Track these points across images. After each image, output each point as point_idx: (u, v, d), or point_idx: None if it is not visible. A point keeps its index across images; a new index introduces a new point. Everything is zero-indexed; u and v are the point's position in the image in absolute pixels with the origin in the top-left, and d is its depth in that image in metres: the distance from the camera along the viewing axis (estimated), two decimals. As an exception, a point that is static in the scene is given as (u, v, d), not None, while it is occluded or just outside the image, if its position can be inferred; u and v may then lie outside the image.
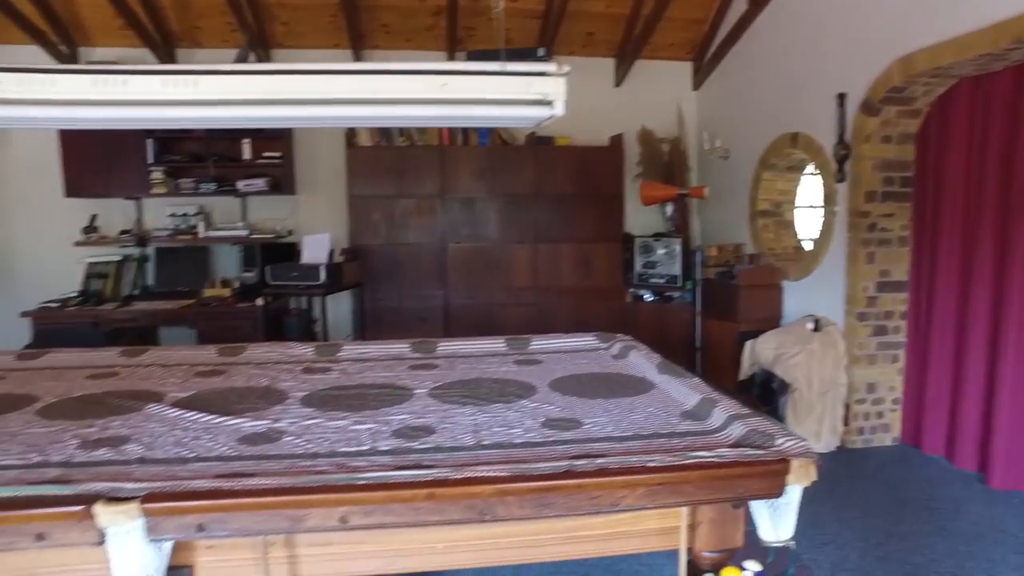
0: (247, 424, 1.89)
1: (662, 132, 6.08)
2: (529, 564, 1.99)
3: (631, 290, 5.86)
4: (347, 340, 5.34)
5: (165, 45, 5.54)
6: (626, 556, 2.81)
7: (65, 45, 5.44)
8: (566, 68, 2.06)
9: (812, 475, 1.48)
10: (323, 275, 4.86)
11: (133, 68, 1.94)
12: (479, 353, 2.79)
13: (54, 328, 4.87)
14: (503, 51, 2.02)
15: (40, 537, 1.34)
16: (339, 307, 5.63)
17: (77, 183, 5.28)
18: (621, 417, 1.94)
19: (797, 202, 5.30)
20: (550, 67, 2.04)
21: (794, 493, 1.51)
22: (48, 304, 5.03)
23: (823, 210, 4.44)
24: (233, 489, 1.39)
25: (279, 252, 5.40)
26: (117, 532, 1.34)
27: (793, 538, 1.56)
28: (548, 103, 2.04)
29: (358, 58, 5.72)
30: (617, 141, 5.84)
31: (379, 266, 5.47)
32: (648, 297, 5.79)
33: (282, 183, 5.48)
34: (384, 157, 5.53)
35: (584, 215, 5.78)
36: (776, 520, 1.55)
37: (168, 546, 1.42)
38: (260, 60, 5.56)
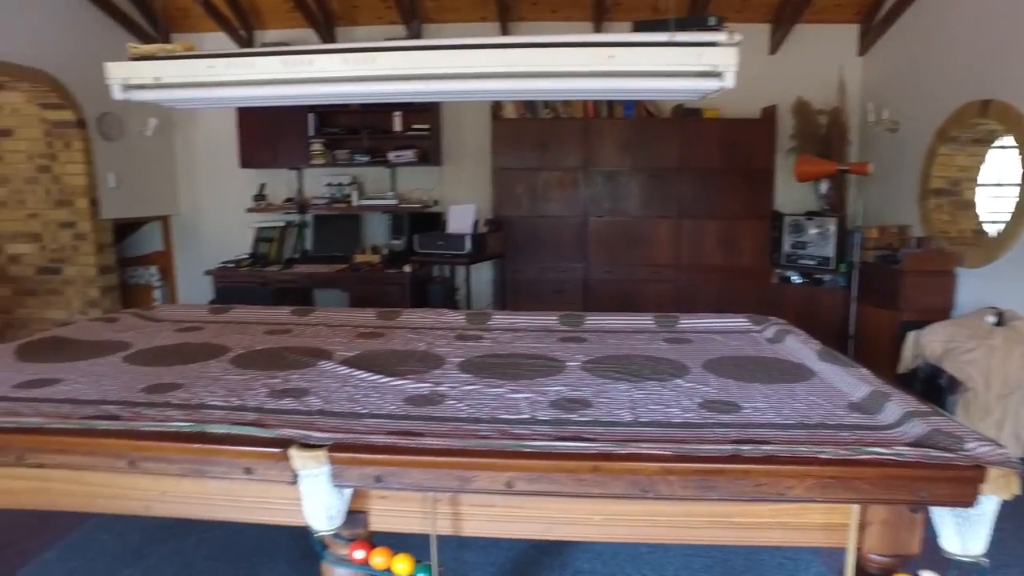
0: (410, 386, 2.00)
1: (819, 103, 5.66)
2: (678, 544, 1.98)
3: (777, 271, 5.57)
4: (489, 309, 5.50)
5: (326, 24, 5.87)
6: (769, 547, 2.73)
7: (244, 30, 5.91)
8: (737, 37, 1.97)
9: (1014, 487, 1.35)
10: (468, 245, 5.02)
11: (318, 47, 2.07)
12: (627, 329, 2.77)
13: (230, 285, 5.40)
14: (672, 20, 1.96)
15: (248, 471, 1.52)
16: (479, 277, 5.78)
17: (250, 155, 5.77)
18: (781, 404, 1.87)
19: (980, 180, 4.76)
20: (721, 37, 1.96)
21: (990, 505, 1.39)
22: (225, 264, 5.58)
23: (1019, 189, 3.95)
24: (408, 447, 1.49)
25: (425, 221, 5.63)
26: (307, 475, 1.48)
27: (985, 555, 1.43)
28: (717, 75, 1.96)
29: (505, 31, 5.76)
30: (770, 113, 5.52)
31: (520, 237, 5.56)
32: (796, 279, 5.48)
33: (429, 154, 5.68)
34: (528, 129, 5.57)
35: (731, 191, 5.54)
36: (964, 532, 1.43)
37: (348, 492, 1.54)
38: (411, 36, 5.75)
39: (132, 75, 2.09)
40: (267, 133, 5.68)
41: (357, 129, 5.67)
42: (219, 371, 2.17)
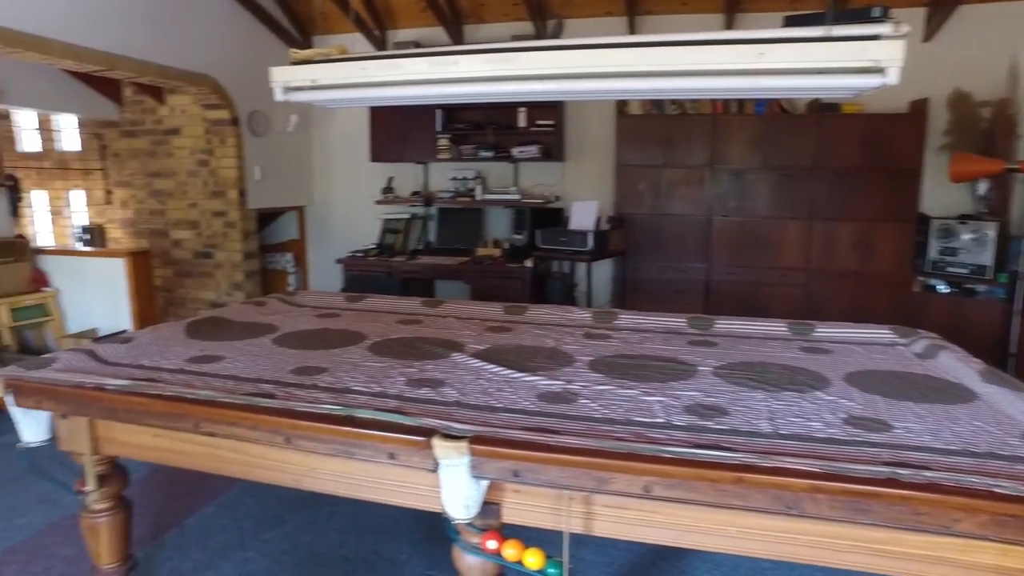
0: (543, 382, 2.03)
1: (983, 94, 5.15)
2: (811, 565, 1.88)
3: (920, 279, 5.14)
4: (607, 306, 5.47)
5: (455, 22, 6.02)
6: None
7: (378, 30, 6.18)
8: (905, 28, 1.83)
9: None
10: (590, 242, 5.00)
11: (462, 48, 2.13)
12: (759, 335, 2.66)
13: (358, 273, 5.69)
14: (830, 12, 1.85)
15: (391, 456, 1.60)
16: (598, 273, 5.75)
17: (380, 149, 6.03)
18: (939, 427, 1.73)
19: None
20: (885, 28, 1.83)
21: None
22: (355, 253, 5.88)
23: None
24: (546, 444, 1.51)
25: (546, 217, 5.67)
26: (448, 464, 1.54)
27: None
28: (879, 71, 1.83)
29: (632, 25, 5.67)
30: (920, 107, 5.09)
31: (641, 235, 5.47)
32: (943, 288, 5.04)
33: (552, 150, 5.70)
34: (654, 126, 5.47)
35: (870, 191, 5.17)
36: None
37: (485, 484, 1.59)
38: (539, 33, 5.79)
39: (292, 78, 2.25)
40: (397, 129, 5.92)
41: (482, 125, 5.78)
42: (359, 357, 2.29)
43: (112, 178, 6.17)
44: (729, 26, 5.33)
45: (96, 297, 4.80)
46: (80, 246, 6.51)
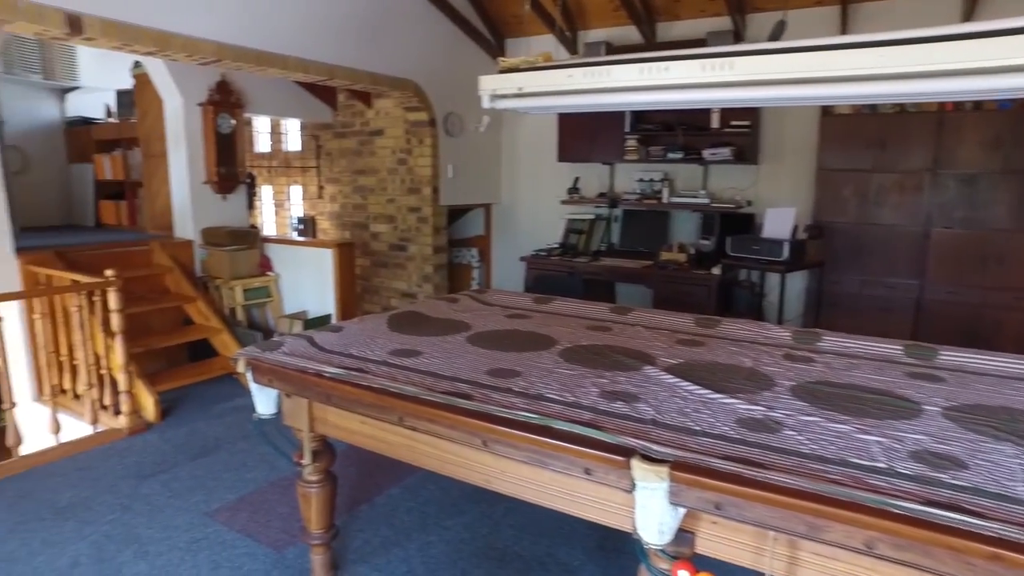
0: (742, 406, 1.91)
1: None
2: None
3: None
4: (798, 321, 5.08)
5: (648, 20, 5.89)
6: None
7: (569, 31, 6.23)
8: None
9: None
10: (785, 251, 4.68)
11: (674, 54, 2.06)
12: (1000, 372, 2.31)
13: (541, 272, 5.80)
14: None
15: (587, 471, 1.59)
16: (790, 285, 5.36)
17: (567, 150, 6.09)
18: None
19: None
20: None
21: None
22: (538, 252, 6.00)
23: None
24: (755, 479, 1.41)
25: (736, 222, 5.38)
26: (646, 487, 1.49)
27: None
28: None
29: (845, 14, 5.19)
30: None
31: (842, 246, 5.01)
32: None
33: (746, 152, 5.40)
34: (864, 126, 4.97)
35: None
36: None
37: (683, 511, 1.52)
38: (737, 29, 5.49)
39: (499, 86, 2.31)
40: (585, 129, 5.93)
41: (672, 126, 5.62)
42: (550, 363, 2.31)
43: (324, 175, 6.83)
44: (968, 16, 4.69)
45: (307, 282, 5.36)
46: (295, 235, 7.30)
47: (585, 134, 5.96)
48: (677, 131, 5.57)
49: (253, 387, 2.29)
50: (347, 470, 3.46)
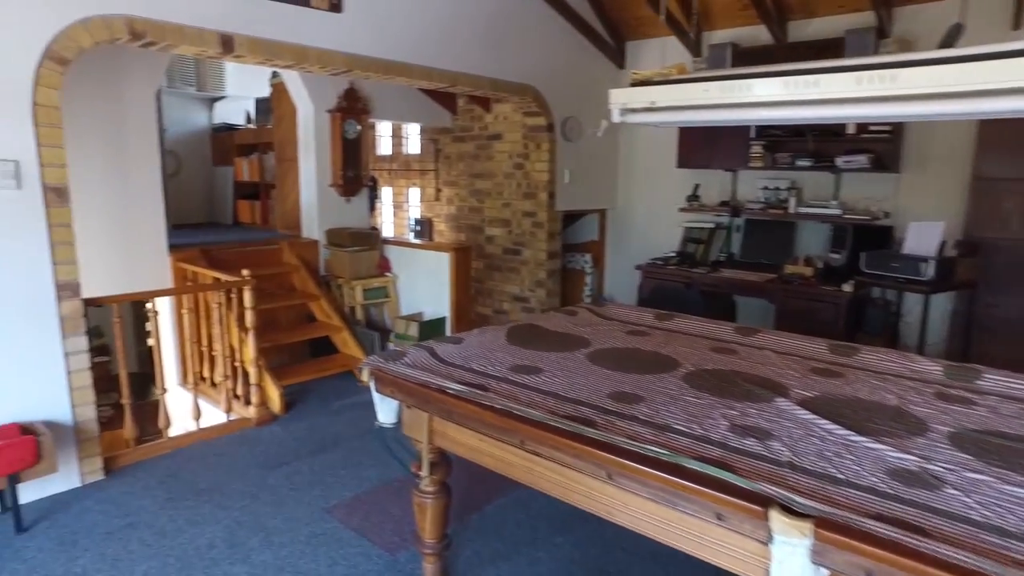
0: (891, 454, 1.74)
1: None
2: None
3: None
4: (942, 347, 4.64)
5: (779, 19, 5.57)
6: None
7: (693, 32, 6.00)
8: None
9: None
10: (931, 270, 4.27)
11: (824, 66, 1.90)
12: None
13: (657, 281, 5.64)
14: None
15: (719, 517, 1.50)
16: (934, 307, 4.91)
17: (687, 156, 5.88)
18: None
19: None
20: None
21: None
22: (655, 261, 5.84)
23: None
24: (918, 551, 1.26)
25: (872, 236, 4.99)
26: (785, 542, 1.38)
27: None
28: None
29: (1021, 9, 4.66)
30: None
31: (1002, 266, 4.50)
32: None
33: (885, 160, 4.98)
34: (1033, 131, 4.44)
35: None
36: None
37: (826, 573, 1.40)
38: (882, 25, 5.08)
39: (630, 100, 2.23)
40: (707, 134, 5.70)
41: (802, 131, 5.28)
42: (675, 388, 2.21)
43: (442, 178, 6.98)
44: None
45: (424, 284, 5.49)
46: (412, 236, 7.52)
47: (706, 140, 5.73)
48: (807, 137, 5.24)
49: (376, 396, 2.34)
50: (457, 476, 3.47)
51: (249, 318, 3.99)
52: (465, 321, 5.37)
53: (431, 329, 5.12)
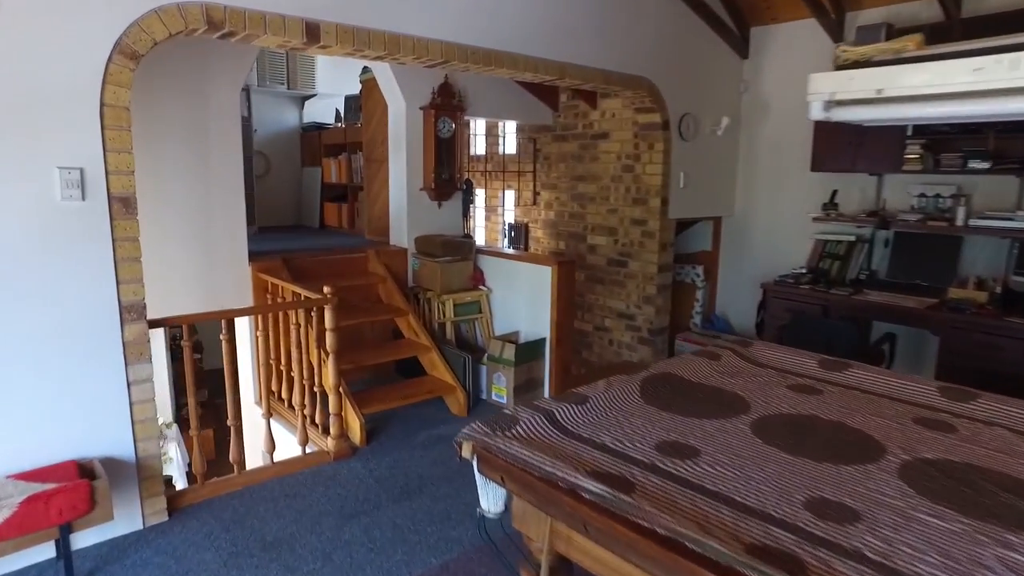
0: None
1: None
2: None
3: None
4: None
5: (946, -6, 4.67)
6: None
7: (835, 13, 5.17)
8: None
9: None
10: None
11: None
12: None
13: (788, 304, 4.87)
14: None
15: None
16: None
17: (824, 157, 5.06)
18: None
19: None
20: None
21: None
22: (783, 278, 5.06)
23: None
24: None
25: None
26: None
27: None
28: None
29: None
30: None
31: None
32: None
33: (1091, 163, 4.03)
34: None
35: None
36: None
37: None
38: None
39: (843, 88, 1.58)
40: (851, 133, 4.86)
41: (979, 127, 4.37)
42: (897, 497, 1.55)
43: (540, 180, 6.42)
44: None
45: (521, 299, 4.94)
46: (505, 243, 7.00)
47: (849, 139, 4.89)
48: (987, 134, 4.32)
49: (478, 478, 1.80)
50: None
51: (330, 340, 3.57)
52: (567, 344, 4.78)
53: (529, 352, 4.56)
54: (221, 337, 3.28)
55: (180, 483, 7.78)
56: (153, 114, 3.87)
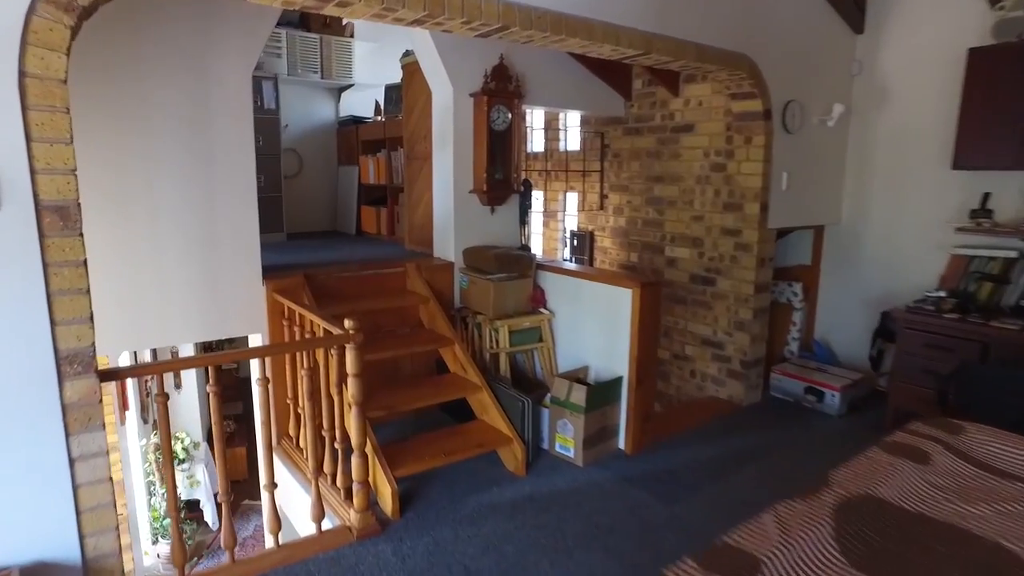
0: None
1: None
2: None
3: None
4: None
5: None
6: None
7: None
8: None
9: None
10: None
11: None
12: None
13: (923, 335, 3.86)
14: None
15: None
16: None
17: (973, 151, 4.03)
18: None
19: None
20: None
21: None
22: (918, 304, 4.03)
23: None
24: None
25: None
26: None
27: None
28: None
29: None
30: None
31: None
32: None
33: None
34: None
35: None
36: None
37: None
38: None
39: None
40: (1004, 116, 3.84)
41: None
42: None
43: (608, 181, 5.53)
44: None
45: (589, 326, 4.05)
46: (566, 253, 6.13)
47: (1003, 126, 3.86)
48: None
49: None
50: None
51: (353, 389, 2.76)
52: (650, 384, 3.87)
53: (603, 396, 3.66)
54: (209, 389, 2.51)
55: (208, 509, 7.20)
56: (142, 101, 3.13)
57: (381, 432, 3.39)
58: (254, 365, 3.35)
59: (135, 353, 5.01)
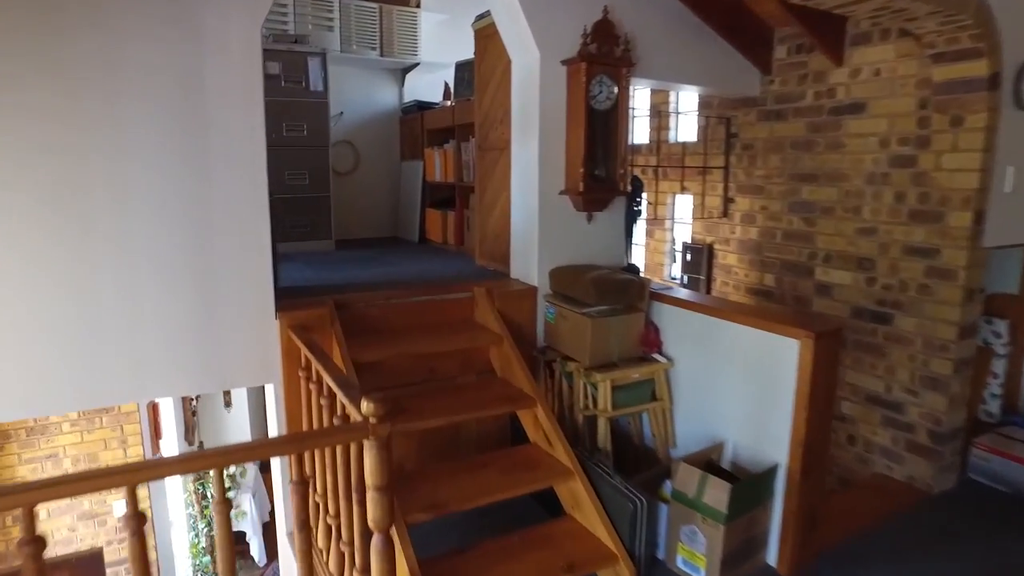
0: None
1: None
2: None
3: None
4: None
5: None
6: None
7: None
8: None
9: None
10: None
11: None
12: None
13: None
14: None
15: None
16: None
17: None
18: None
19: None
20: None
21: None
22: None
23: None
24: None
25: None
26: None
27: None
28: None
29: None
30: None
31: None
32: None
33: None
34: None
35: None
36: None
37: None
38: None
39: None
40: None
41: None
42: None
43: (736, 180, 4.32)
44: None
45: (727, 385, 2.86)
46: (674, 270, 4.96)
47: None
48: None
49: None
50: None
51: (375, 511, 1.74)
52: (818, 477, 2.65)
53: (753, 496, 2.46)
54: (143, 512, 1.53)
55: (254, 543, 6.47)
56: (107, 65, 2.22)
57: (428, 533, 2.36)
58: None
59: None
